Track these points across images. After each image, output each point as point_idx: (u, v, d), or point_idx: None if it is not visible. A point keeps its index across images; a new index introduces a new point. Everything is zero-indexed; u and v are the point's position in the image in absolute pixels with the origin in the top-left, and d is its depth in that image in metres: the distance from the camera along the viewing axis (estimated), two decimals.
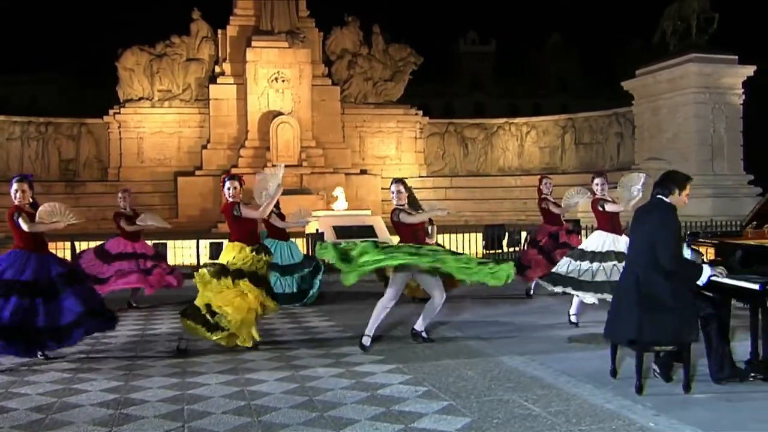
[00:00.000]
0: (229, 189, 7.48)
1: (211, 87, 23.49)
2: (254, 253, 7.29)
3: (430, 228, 9.68)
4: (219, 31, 24.13)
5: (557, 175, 23.91)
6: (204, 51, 24.03)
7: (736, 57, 19.62)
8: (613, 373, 5.82)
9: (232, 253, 7.35)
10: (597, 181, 9.17)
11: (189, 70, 23.80)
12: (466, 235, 15.15)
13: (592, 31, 50.83)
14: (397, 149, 25.10)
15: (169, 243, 14.55)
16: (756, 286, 5.01)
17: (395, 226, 7.59)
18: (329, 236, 15.65)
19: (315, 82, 23.82)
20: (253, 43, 23.03)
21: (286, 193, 20.93)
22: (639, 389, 5.38)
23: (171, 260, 14.18)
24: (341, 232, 15.47)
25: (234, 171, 22.60)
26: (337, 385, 5.88)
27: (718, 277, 5.45)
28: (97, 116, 23.66)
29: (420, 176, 25.03)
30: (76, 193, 22.43)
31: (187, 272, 10.62)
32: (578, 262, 8.34)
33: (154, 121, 23.55)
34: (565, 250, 10.43)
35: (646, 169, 20.83)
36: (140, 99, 23.59)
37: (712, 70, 19.53)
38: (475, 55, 53.36)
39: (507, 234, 15.19)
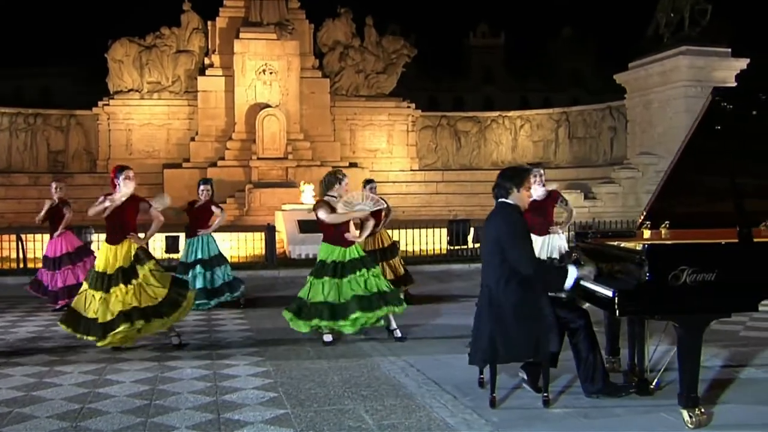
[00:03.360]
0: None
1: (200, 79, 23.33)
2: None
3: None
4: (209, 23, 23.96)
5: (550, 169, 23.37)
6: (194, 43, 23.88)
7: (729, 50, 18.94)
8: (481, 383, 5.41)
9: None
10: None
11: (179, 62, 23.66)
12: (431, 231, 14.74)
13: (609, 23, 49.77)
14: (388, 142, 24.72)
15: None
16: (609, 292, 4.56)
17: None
18: (293, 230, 15.37)
19: (305, 74, 23.55)
20: (241, 35, 22.82)
21: (269, 186, 21.12)
22: (492, 402, 4.98)
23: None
24: (306, 226, 15.13)
25: (220, 163, 22.52)
26: (188, 388, 5.58)
27: (585, 280, 5.03)
28: (86, 108, 23.64)
29: (411, 170, 24.68)
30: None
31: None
32: None
33: (143, 113, 23.46)
34: None
35: (637, 164, 20.31)
36: (129, 91, 23.51)
37: (704, 63, 18.87)
38: (485, 48, 52.46)
39: (472, 229, 14.73)
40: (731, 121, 4.88)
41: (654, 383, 5.19)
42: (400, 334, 7.27)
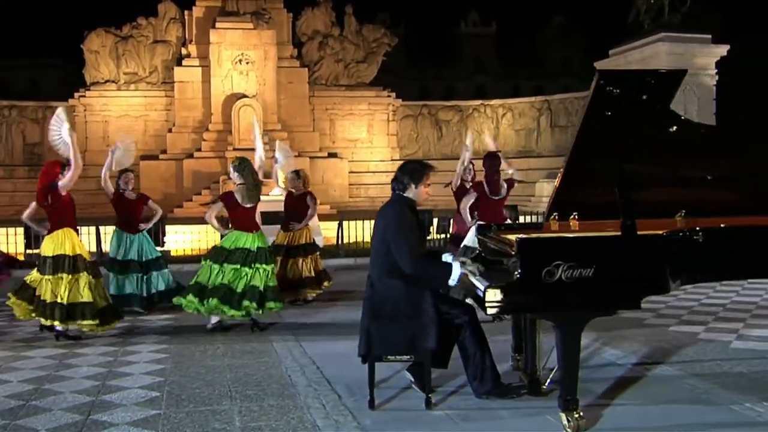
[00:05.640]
0: None
1: (176, 69, 23.07)
2: None
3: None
4: (186, 13, 23.67)
5: (533, 158, 23.18)
6: (171, 33, 23.60)
7: (710, 36, 18.53)
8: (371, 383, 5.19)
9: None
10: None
11: (156, 53, 23.39)
12: None
13: (599, 12, 49.25)
14: (368, 132, 24.44)
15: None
16: (482, 287, 4.32)
17: None
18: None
19: (282, 64, 23.26)
20: (217, 24, 22.54)
21: None
22: (371, 403, 4.77)
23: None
24: (269, 218, 14.90)
25: (197, 155, 22.29)
26: (74, 387, 5.41)
27: (471, 276, 4.78)
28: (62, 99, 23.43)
29: (392, 159, 24.36)
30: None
31: None
32: None
33: (119, 105, 23.25)
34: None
35: None
36: (106, 82, 23.27)
37: (684, 50, 18.46)
38: (476, 37, 51.91)
39: (435, 220, 14.48)
40: (620, 106, 4.66)
41: (547, 383, 4.96)
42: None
